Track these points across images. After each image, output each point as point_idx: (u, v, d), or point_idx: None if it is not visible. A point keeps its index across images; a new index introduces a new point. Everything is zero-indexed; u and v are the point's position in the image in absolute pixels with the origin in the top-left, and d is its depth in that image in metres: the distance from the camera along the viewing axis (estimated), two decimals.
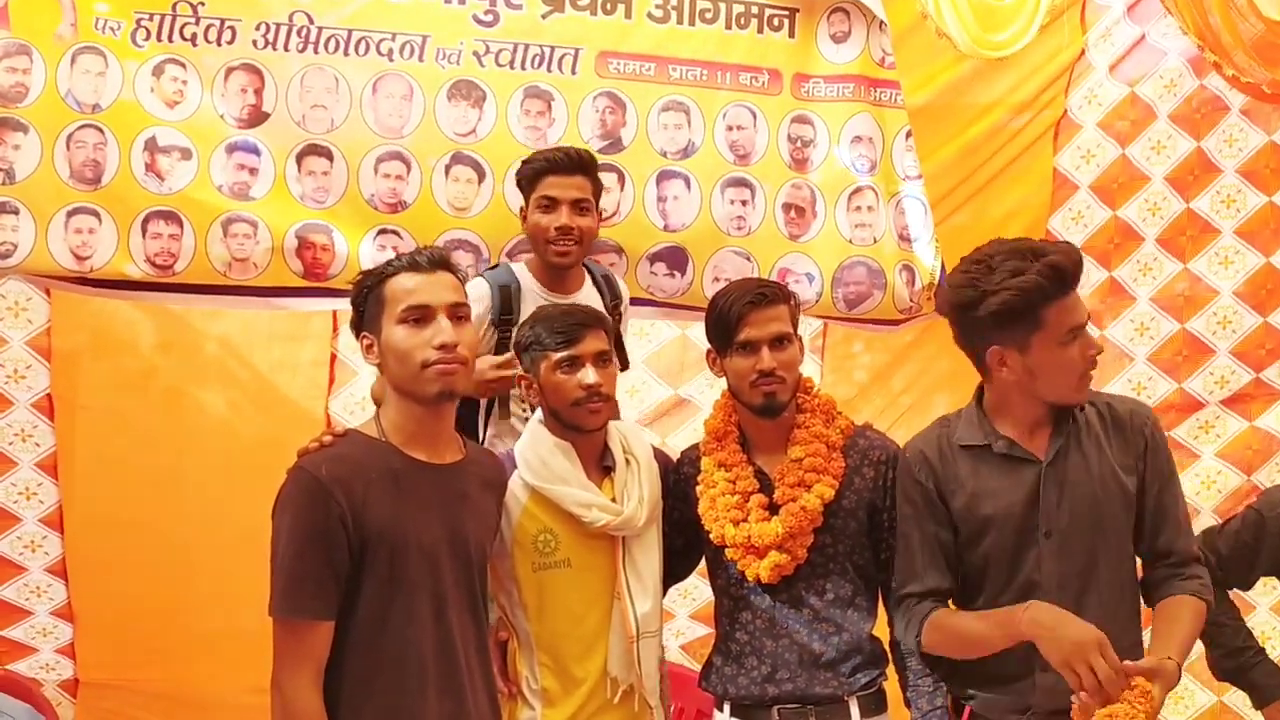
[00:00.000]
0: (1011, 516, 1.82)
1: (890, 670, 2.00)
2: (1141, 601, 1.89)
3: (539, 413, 2.05)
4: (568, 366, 1.93)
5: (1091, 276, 3.33)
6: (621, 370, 2.52)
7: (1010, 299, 1.73)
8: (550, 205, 2.38)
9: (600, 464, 2.01)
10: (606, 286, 2.53)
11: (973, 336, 1.83)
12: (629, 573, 1.96)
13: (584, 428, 1.95)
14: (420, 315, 1.65)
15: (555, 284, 2.42)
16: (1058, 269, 1.73)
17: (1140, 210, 3.30)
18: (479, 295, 2.37)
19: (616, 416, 2.16)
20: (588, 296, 2.47)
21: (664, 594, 2.07)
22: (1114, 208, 3.31)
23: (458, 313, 1.68)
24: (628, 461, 2.02)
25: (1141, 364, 3.34)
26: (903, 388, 3.34)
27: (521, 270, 2.46)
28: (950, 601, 1.92)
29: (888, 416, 3.27)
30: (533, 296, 2.41)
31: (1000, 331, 1.77)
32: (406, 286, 1.66)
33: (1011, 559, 1.82)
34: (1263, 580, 2.22)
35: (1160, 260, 3.32)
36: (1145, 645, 1.83)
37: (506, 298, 2.38)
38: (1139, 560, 1.89)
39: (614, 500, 1.96)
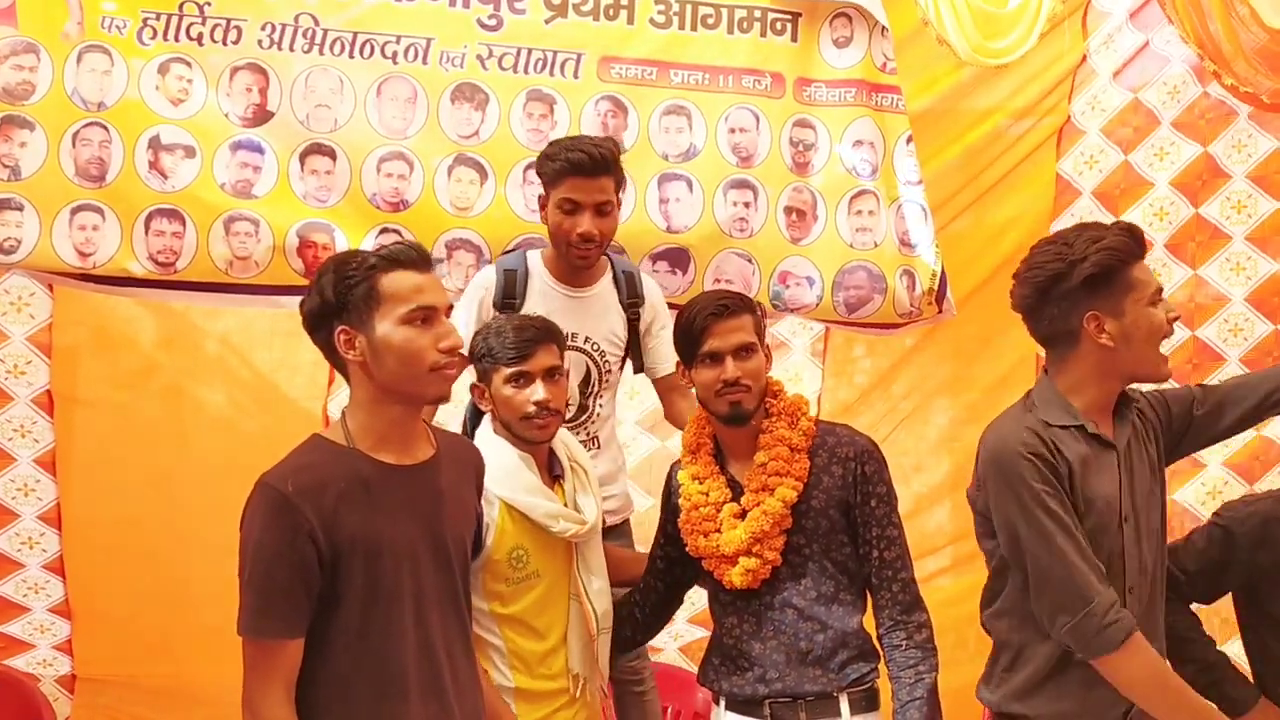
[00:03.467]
0: (1106, 499, 1.81)
1: (882, 667, 1.98)
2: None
3: (487, 423, 2.09)
4: (518, 381, 1.98)
5: None
6: (635, 372, 2.55)
7: (1104, 258, 1.76)
8: (573, 208, 2.30)
9: (550, 472, 2.06)
10: (626, 283, 2.45)
11: (1064, 311, 1.80)
12: (583, 574, 2.03)
13: (533, 441, 2.00)
14: (427, 316, 1.62)
15: (569, 277, 2.38)
16: (1133, 231, 1.80)
17: (1145, 215, 3.29)
18: (485, 278, 2.39)
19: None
20: (602, 292, 2.43)
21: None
22: (1116, 214, 3.29)
23: (450, 314, 1.69)
24: (573, 469, 2.08)
25: None
26: (904, 392, 3.33)
27: (535, 259, 2.43)
28: None
29: (889, 421, 3.26)
30: (542, 285, 2.39)
31: (1095, 296, 1.77)
32: (411, 285, 1.61)
33: (1106, 544, 1.80)
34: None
35: (1169, 266, 3.31)
36: None
37: (511, 282, 2.36)
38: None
39: (567, 506, 2.02)
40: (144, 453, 2.97)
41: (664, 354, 2.49)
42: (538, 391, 1.97)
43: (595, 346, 2.40)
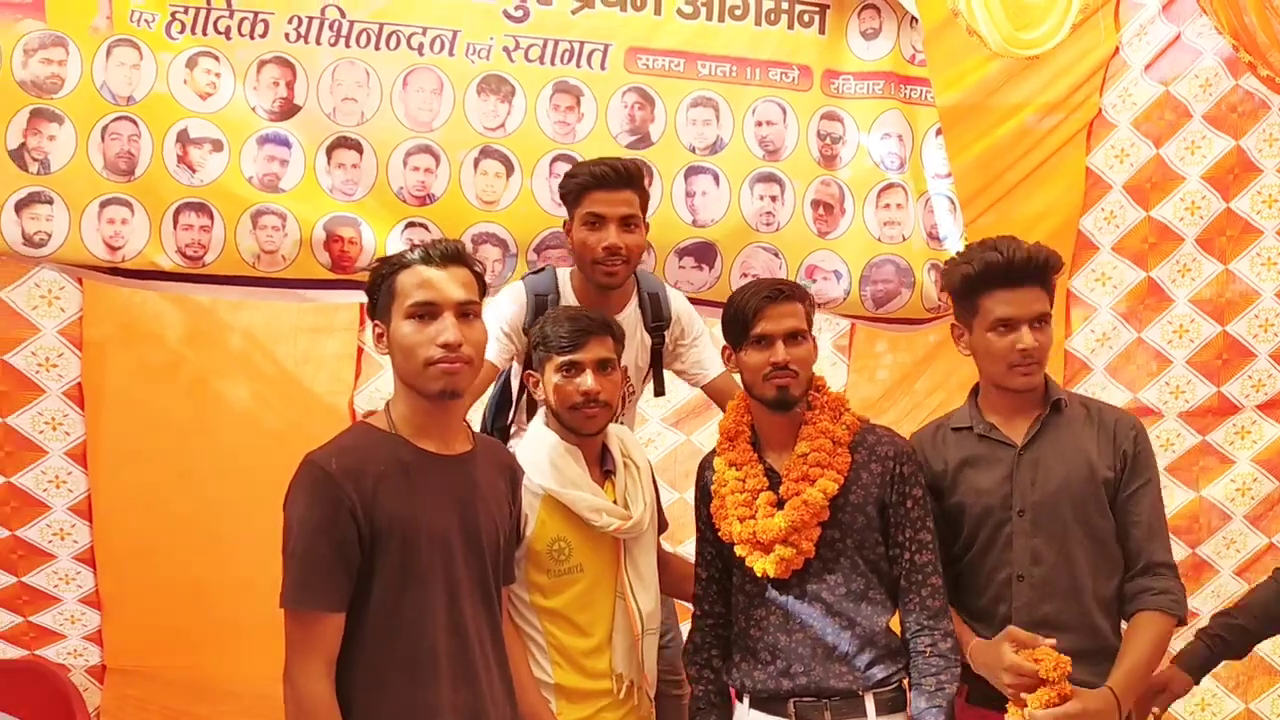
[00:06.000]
0: (987, 494, 1.96)
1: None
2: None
3: (540, 415, 2.08)
4: (568, 370, 1.99)
5: (1127, 277, 3.30)
6: (656, 395, 2.54)
7: (952, 278, 2.00)
8: (597, 223, 2.27)
9: (601, 467, 2.06)
10: (650, 306, 2.41)
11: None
12: (630, 573, 2.03)
13: (580, 431, 2.00)
14: (426, 311, 1.65)
15: (597, 303, 2.29)
16: (989, 264, 1.93)
17: (1177, 210, 3.25)
18: (516, 299, 2.33)
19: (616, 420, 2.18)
20: (628, 318, 2.38)
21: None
22: (1147, 208, 3.27)
23: (465, 310, 1.67)
24: (626, 465, 2.08)
25: (1180, 367, 3.30)
26: (928, 389, 3.31)
27: (565, 281, 2.39)
28: None
29: (913, 418, 3.23)
30: None
31: (957, 309, 2.03)
32: (416, 281, 1.66)
33: (987, 537, 1.96)
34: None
35: (1200, 261, 3.27)
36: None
37: (542, 306, 2.29)
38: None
39: (615, 503, 2.01)
40: (170, 447, 2.97)
41: (708, 358, 2.48)
42: (587, 381, 1.98)
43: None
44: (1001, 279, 1.92)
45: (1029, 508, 1.94)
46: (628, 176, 2.30)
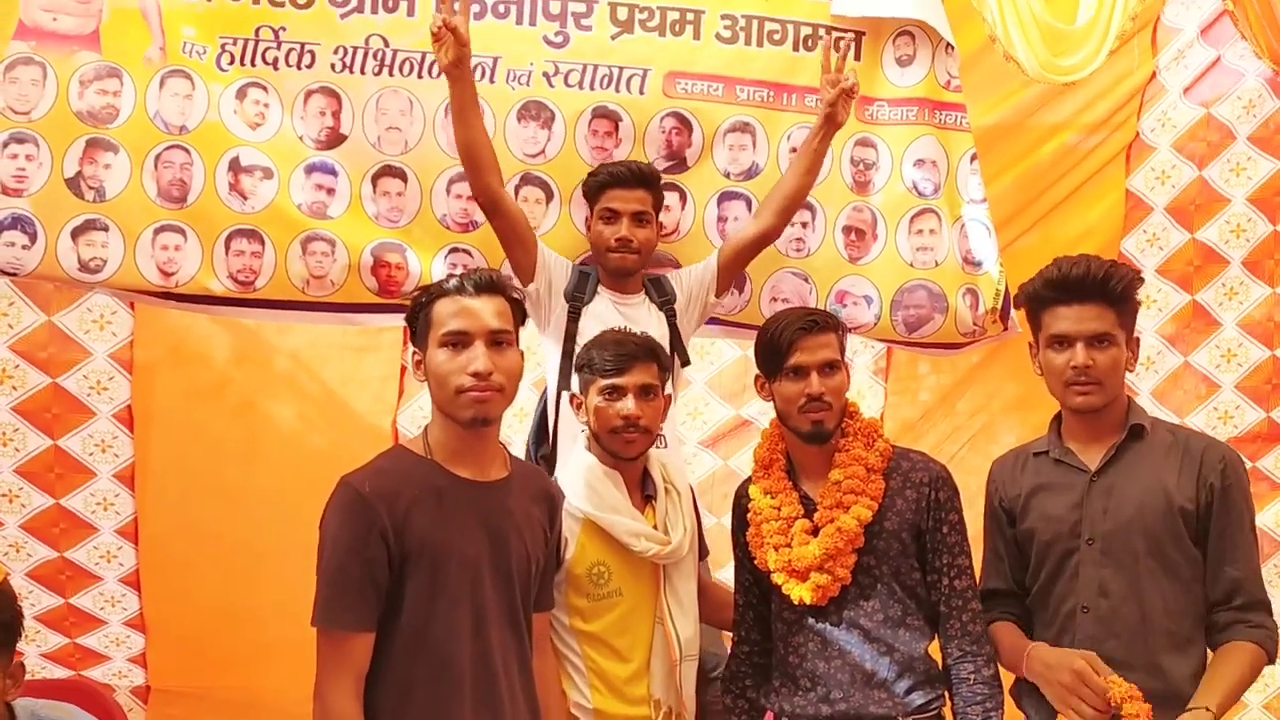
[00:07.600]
0: (1057, 521, 1.92)
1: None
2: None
3: (583, 439, 2.10)
4: (610, 394, 2.01)
5: (1172, 300, 3.26)
6: (683, 365, 2.63)
7: (1020, 300, 2.02)
8: (611, 217, 2.54)
9: (642, 492, 2.08)
10: (655, 287, 2.63)
11: None
12: (670, 598, 2.04)
13: (619, 455, 2.02)
14: (459, 340, 1.69)
15: (617, 286, 2.58)
16: (1046, 279, 1.95)
17: (1222, 232, 3.22)
18: (560, 269, 2.58)
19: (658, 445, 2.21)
20: (644, 301, 2.60)
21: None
22: (1192, 230, 3.23)
23: (498, 339, 1.71)
24: (667, 491, 2.09)
25: (1229, 392, 3.24)
26: (970, 410, 3.28)
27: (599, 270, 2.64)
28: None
29: (955, 440, 3.21)
30: (603, 291, 2.58)
31: (1030, 326, 2.03)
32: (450, 310, 1.70)
33: (1054, 565, 1.92)
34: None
35: (1247, 284, 3.23)
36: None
37: (583, 279, 2.56)
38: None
39: (655, 528, 2.02)
40: (216, 468, 3.01)
41: (703, 262, 2.70)
42: (628, 406, 1.99)
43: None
44: (1059, 294, 1.91)
45: (1099, 537, 1.88)
46: (642, 177, 2.57)
